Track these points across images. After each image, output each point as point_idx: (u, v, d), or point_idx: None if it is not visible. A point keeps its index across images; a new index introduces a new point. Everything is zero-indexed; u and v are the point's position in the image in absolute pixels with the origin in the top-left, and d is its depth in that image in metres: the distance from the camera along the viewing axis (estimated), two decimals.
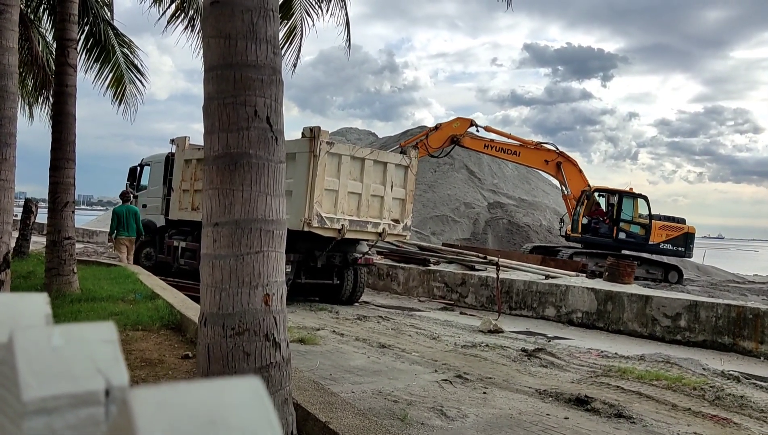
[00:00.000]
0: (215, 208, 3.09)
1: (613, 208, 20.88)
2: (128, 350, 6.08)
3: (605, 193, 21.48)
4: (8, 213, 5.74)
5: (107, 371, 0.43)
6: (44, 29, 13.67)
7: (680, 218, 21.74)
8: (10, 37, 5.67)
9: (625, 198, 21.03)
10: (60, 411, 0.40)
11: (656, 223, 20.80)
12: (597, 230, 20.57)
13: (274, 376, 3.06)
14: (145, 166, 16.02)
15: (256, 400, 0.35)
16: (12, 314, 0.53)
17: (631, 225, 20.82)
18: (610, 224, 20.69)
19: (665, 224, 20.92)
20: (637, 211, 21.02)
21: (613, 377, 7.33)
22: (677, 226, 21.03)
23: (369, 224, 11.92)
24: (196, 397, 0.34)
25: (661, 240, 20.68)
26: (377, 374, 6.78)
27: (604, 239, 20.50)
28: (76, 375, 0.42)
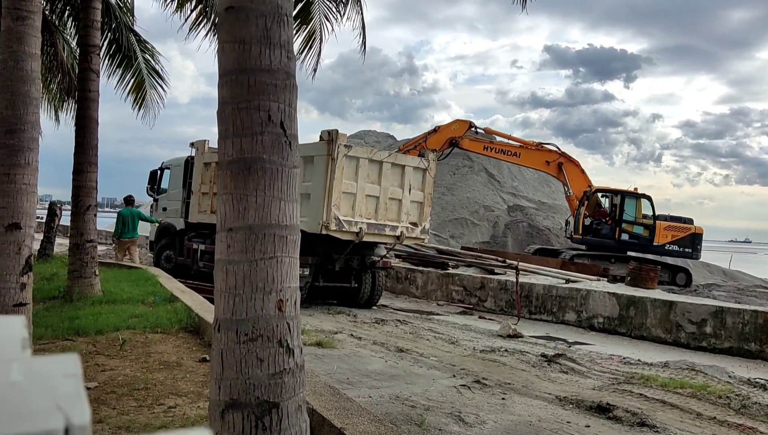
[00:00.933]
0: (229, 213, 3.09)
1: (615, 208, 20.54)
2: (147, 352, 6.12)
3: (607, 193, 21.16)
4: (31, 217, 5.81)
5: (68, 408, 0.41)
6: (69, 35, 13.87)
7: (687, 218, 21.33)
8: (32, 43, 5.73)
9: (628, 198, 20.65)
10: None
11: (661, 223, 20.39)
12: (599, 231, 20.24)
13: (287, 383, 3.04)
14: (165, 170, 16.18)
15: None
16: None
17: (634, 226, 20.44)
18: (612, 225, 20.34)
19: (671, 225, 20.51)
20: (640, 211, 20.63)
21: (636, 384, 7.20)
22: (683, 226, 20.60)
23: (387, 227, 11.89)
24: None
25: (667, 241, 20.27)
26: (395, 379, 6.74)
27: (606, 241, 20.15)
28: (35, 413, 0.40)
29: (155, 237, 16.16)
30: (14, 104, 5.63)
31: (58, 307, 8.32)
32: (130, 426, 4.12)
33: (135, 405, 4.58)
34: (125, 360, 5.83)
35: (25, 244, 5.64)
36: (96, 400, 4.57)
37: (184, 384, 5.10)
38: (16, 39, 5.63)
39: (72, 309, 8.04)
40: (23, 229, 5.62)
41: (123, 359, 5.85)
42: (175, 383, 5.11)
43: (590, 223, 20.26)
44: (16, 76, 5.64)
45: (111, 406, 4.52)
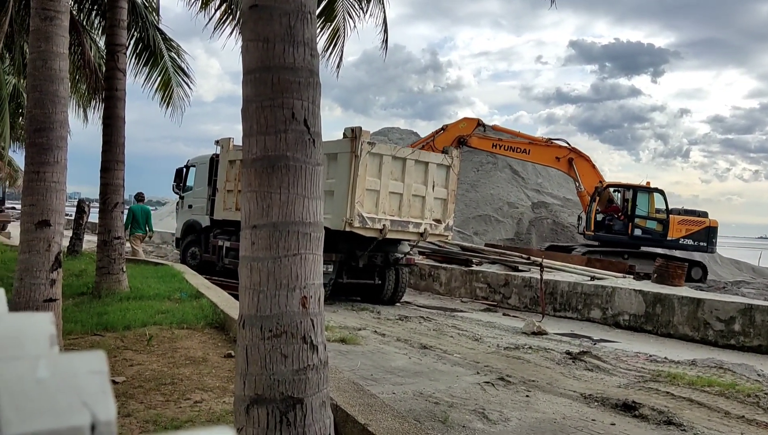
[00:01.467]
0: (253, 211, 3.10)
1: (627, 203, 20.21)
2: (173, 348, 6.20)
3: (619, 188, 20.84)
4: (60, 214, 5.91)
5: (93, 405, 0.42)
6: (96, 35, 14.08)
7: (702, 212, 20.91)
8: (60, 42, 5.83)
9: (640, 193, 20.28)
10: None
11: (674, 217, 20.00)
12: (611, 227, 19.94)
13: (311, 379, 3.06)
14: (191, 168, 16.35)
15: None
16: (16, 335, 0.52)
17: (647, 221, 20.10)
18: (624, 221, 20.01)
19: (685, 219, 20.12)
20: (653, 206, 20.26)
21: (663, 383, 7.11)
22: (698, 220, 20.18)
23: (410, 224, 11.88)
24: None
25: (681, 235, 19.88)
26: (418, 375, 6.74)
27: (618, 236, 19.84)
28: (61, 409, 0.41)
29: (181, 234, 16.33)
30: (43, 103, 5.73)
31: (87, 303, 8.47)
32: (157, 420, 4.18)
33: (162, 399, 4.64)
34: (152, 355, 5.92)
35: (54, 241, 5.75)
36: (124, 394, 4.65)
37: (209, 379, 5.16)
38: (44, 39, 5.73)
39: (100, 305, 8.18)
40: (53, 226, 5.73)
41: (150, 354, 5.94)
42: (201, 378, 5.17)
43: (602, 219, 20.01)
44: (44, 76, 5.74)
45: (139, 400, 4.59)
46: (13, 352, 0.48)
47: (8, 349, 0.50)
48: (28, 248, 5.66)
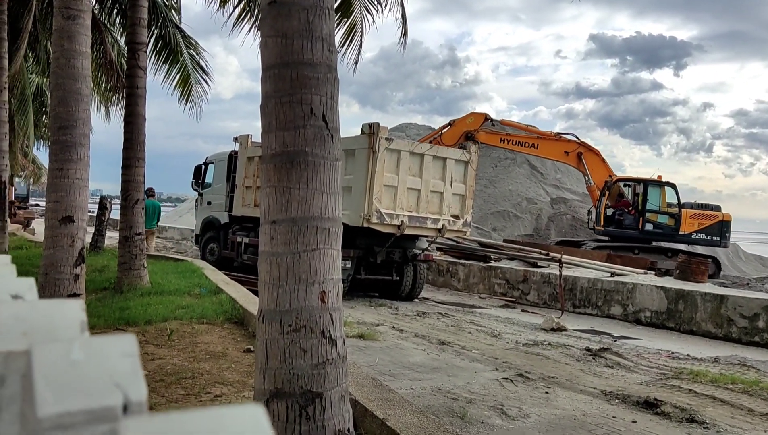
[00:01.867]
0: (272, 206, 3.13)
1: (638, 198, 19.93)
2: (194, 343, 6.27)
3: (630, 182, 20.55)
4: (83, 210, 6.00)
5: (126, 386, 0.43)
6: (117, 33, 14.24)
7: (715, 205, 20.54)
8: (83, 41, 5.91)
9: (651, 187, 19.92)
10: (76, 427, 0.40)
11: (687, 211, 19.64)
12: (621, 222, 19.68)
13: (330, 373, 3.08)
14: (210, 164, 16.44)
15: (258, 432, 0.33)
16: (48, 321, 0.54)
17: (659, 215, 19.76)
18: (635, 215, 19.69)
19: (697, 213, 19.77)
20: (664, 200, 19.94)
21: (685, 380, 7.03)
22: (711, 214, 19.81)
23: (428, 220, 11.85)
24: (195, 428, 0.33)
25: (693, 229, 19.50)
26: (436, 371, 6.74)
27: (629, 231, 19.52)
28: (94, 390, 0.42)
29: (200, 230, 16.44)
30: (66, 101, 5.82)
31: (109, 298, 8.59)
32: None
33: (183, 393, 4.70)
34: (173, 349, 5.99)
35: (78, 237, 5.84)
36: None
37: (229, 373, 5.21)
38: (67, 37, 5.81)
39: (122, 300, 8.29)
40: (76, 222, 5.82)
41: (171, 349, 6.01)
42: (220, 373, 5.22)
43: (612, 213, 19.78)
44: (67, 74, 5.82)
45: (160, 393, 4.65)
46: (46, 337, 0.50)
47: (41, 333, 0.51)
48: (53, 244, 5.76)
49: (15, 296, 0.64)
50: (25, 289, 0.65)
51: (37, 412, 0.39)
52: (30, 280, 0.72)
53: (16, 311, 0.53)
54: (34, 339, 0.49)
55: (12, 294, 0.63)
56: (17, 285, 0.66)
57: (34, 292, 0.67)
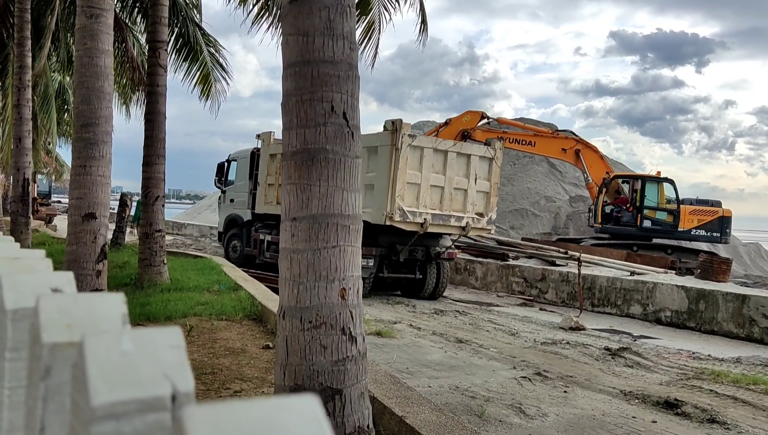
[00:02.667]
0: (293, 203, 3.15)
1: (636, 194, 19.66)
2: (213, 339, 6.33)
3: (628, 179, 20.28)
4: (105, 207, 6.08)
5: (174, 377, 0.44)
6: (138, 32, 14.39)
7: (715, 201, 20.22)
8: (105, 40, 5.98)
9: (648, 183, 19.65)
10: (128, 416, 0.41)
11: (686, 208, 19.32)
12: (619, 219, 19.45)
13: (350, 370, 3.09)
14: (232, 162, 16.40)
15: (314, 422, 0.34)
16: (90, 313, 0.55)
17: (657, 211, 19.47)
18: (633, 212, 19.41)
19: (696, 209, 19.48)
20: (663, 196, 19.65)
21: (706, 380, 6.96)
22: (710, 210, 19.47)
23: (452, 218, 11.72)
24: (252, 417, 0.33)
25: (693, 226, 19.15)
26: (454, 369, 6.74)
27: (627, 228, 19.27)
28: (144, 380, 0.43)
29: (223, 228, 16.41)
30: (89, 99, 5.89)
31: (129, 294, 8.69)
32: None
33: (203, 389, 4.75)
34: (193, 345, 6.04)
35: (100, 233, 5.92)
36: None
37: (248, 370, 5.25)
38: (90, 36, 5.88)
39: (143, 296, 8.38)
40: (98, 218, 5.90)
41: (191, 345, 6.07)
42: (240, 369, 5.27)
43: (610, 210, 19.58)
44: (90, 72, 5.89)
45: None
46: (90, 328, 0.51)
47: (85, 326, 0.53)
48: (76, 240, 5.84)
49: (55, 289, 0.65)
50: (65, 283, 0.67)
51: (90, 401, 0.40)
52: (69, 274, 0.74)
53: (59, 304, 0.54)
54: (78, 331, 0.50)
55: (52, 287, 0.65)
56: (56, 279, 0.67)
57: (73, 285, 0.68)
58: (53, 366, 0.50)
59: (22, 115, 12.51)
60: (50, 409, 0.50)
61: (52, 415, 0.50)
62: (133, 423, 0.41)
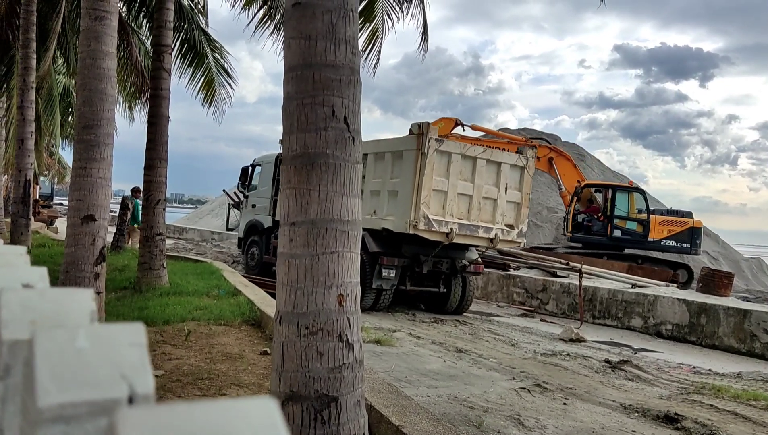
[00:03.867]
0: (292, 207, 3.12)
1: (607, 203, 19.49)
2: (211, 344, 6.28)
3: (600, 188, 20.16)
4: (105, 209, 6.05)
5: (132, 377, 0.41)
6: (143, 35, 14.42)
7: (686, 212, 20.11)
8: (109, 42, 5.98)
9: (619, 192, 19.55)
10: (78, 419, 0.38)
11: (656, 218, 19.24)
12: (590, 228, 19.33)
13: (346, 377, 3.05)
14: (257, 166, 16.00)
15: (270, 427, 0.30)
16: (57, 309, 0.52)
17: (627, 221, 19.32)
18: (604, 221, 19.26)
19: (666, 219, 19.37)
20: (633, 206, 19.48)
21: (707, 395, 6.89)
22: (680, 220, 19.36)
23: (480, 229, 11.06)
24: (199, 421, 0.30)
25: (663, 236, 19.03)
26: (453, 379, 6.68)
27: (597, 237, 19.12)
28: (99, 380, 0.40)
29: (244, 234, 15.93)
30: (91, 101, 5.88)
31: (128, 297, 8.65)
32: None
33: (199, 394, 4.70)
34: (190, 350, 6.00)
35: (99, 236, 5.89)
36: (162, 387, 4.72)
37: (245, 375, 5.20)
38: (93, 38, 5.88)
39: (141, 299, 8.34)
40: (98, 220, 5.87)
41: (188, 349, 6.03)
42: (237, 374, 5.22)
43: (582, 219, 19.49)
44: (93, 74, 5.89)
45: (176, 394, 4.66)
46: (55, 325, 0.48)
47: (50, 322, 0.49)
48: (74, 242, 5.81)
49: (26, 285, 0.62)
50: (37, 279, 0.64)
51: (37, 402, 0.37)
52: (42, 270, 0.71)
53: (25, 299, 0.51)
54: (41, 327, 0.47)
55: (23, 283, 0.62)
56: (29, 274, 0.64)
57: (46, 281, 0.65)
58: (13, 364, 0.46)
59: (25, 117, 12.53)
60: (9, 411, 0.47)
61: (11, 417, 0.47)
62: (83, 427, 0.38)
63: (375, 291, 11.11)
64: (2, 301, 0.49)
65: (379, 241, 11.12)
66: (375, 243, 11.08)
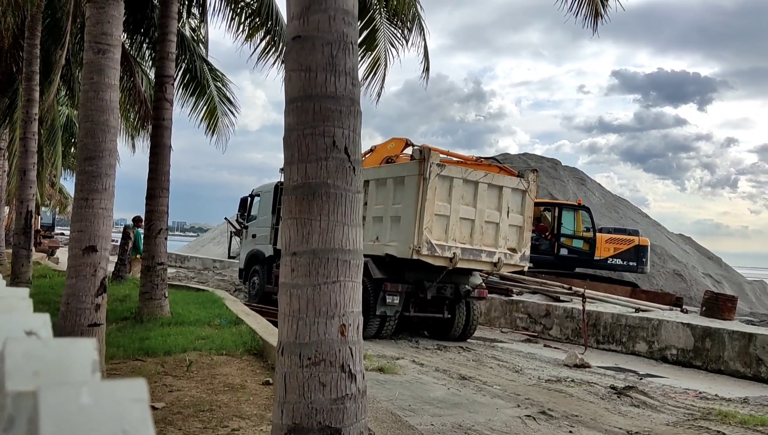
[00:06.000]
0: (293, 238, 3.13)
1: (554, 222, 19.34)
2: (212, 374, 6.24)
3: (549, 207, 20.03)
4: (106, 240, 6.05)
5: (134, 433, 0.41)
6: (147, 67, 14.58)
7: (632, 230, 20.07)
8: (112, 75, 6.05)
9: (565, 211, 19.45)
10: None
11: (602, 236, 19.15)
12: (538, 247, 19.24)
13: (349, 408, 3.03)
14: (255, 197, 16.05)
15: None
16: (59, 360, 0.52)
17: (573, 240, 19.22)
18: (552, 240, 19.14)
19: (612, 237, 19.25)
20: (579, 224, 19.35)
21: (713, 421, 6.81)
22: (626, 238, 19.25)
23: (483, 253, 11.04)
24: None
25: (609, 254, 18.91)
26: (457, 407, 6.62)
27: (545, 256, 18.85)
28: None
29: (245, 264, 15.87)
30: (93, 132, 5.93)
31: (129, 328, 8.62)
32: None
33: (200, 426, 4.65)
34: (191, 381, 5.96)
35: (100, 266, 5.88)
36: (163, 420, 4.67)
37: (247, 407, 5.16)
38: (97, 71, 5.95)
39: (142, 330, 8.31)
40: (99, 251, 5.87)
41: (189, 380, 5.98)
42: (238, 405, 5.17)
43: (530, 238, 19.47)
44: (96, 106, 5.94)
45: (177, 426, 4.61)
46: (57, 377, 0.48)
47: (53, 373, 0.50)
48: (75, 273, 5.81)
49: (29, 332, 0.62)
50: (40, 326, 0.64)
51: None
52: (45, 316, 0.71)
53: (28, 349, 0.51)
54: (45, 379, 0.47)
55: (26, 330, 0.62)
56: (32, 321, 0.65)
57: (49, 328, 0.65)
58: (17, 416, 0.47)
59: (27, 148, 12.62)
60: None
61: None
62: None
63: (379, 318, 11.06)
64: (6, 352, 0.49)
65: (382, 268, 11.11)
66: (378, 269, 11.06)
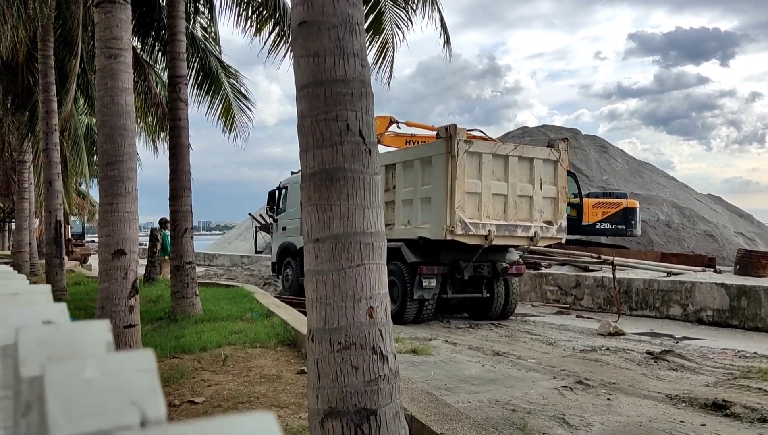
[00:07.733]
0: (315, 224, 3.13)
1: None
2: (248, 367, 6.32)
3: None
4: (134, 242, 6.14)
5: (143, 403, 0.41)
6: (160, 69, 14.67)
7: (620, 193, 19.71)
8: (125, 78, 6.10)
9: None
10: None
11: (588, 201, 18.81)
12: None
13: (383, 389, 3.04)
14: (283, 189, 15.95)
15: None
16: (72, 343, 0.53)
17: None
18: None
19: (600, 201, 18.91)
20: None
21: (754, 379, 6.71)
22: (614, 202, 18.93)
23: (519, 228, 10.81)
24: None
25: (597, 219, 18.63)
26: (493, 383, 6.62)
27: None
28: (109, 409, 0.40)
29: (277, 258, 15.80)
30: (112, 137, 6.00)
31: (164, 327, 8.76)
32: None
33: None
34: (228, 375, 6.04)
35: (130, 269, 5.98)
36: (204, 414, 4.75)
37: (284, 396, 5.21)
38: (110, 76, 6.00)
39: (177, 328, 8.43)
40: (128, 254, 5.96)
41: (226, 374, 6.07)
42: (276, 395, 5.24)
43: None
44: (112, 111, 6.00)
45: None
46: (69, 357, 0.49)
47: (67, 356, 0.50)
48: (107, 277, 5.91)
49: (47, 322, 0.63)
50: (57, 314, 0.65)
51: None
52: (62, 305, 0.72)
53: (42, 335, 0.51)
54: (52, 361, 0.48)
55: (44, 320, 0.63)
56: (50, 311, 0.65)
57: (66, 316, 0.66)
58: (33, 401, 0.47)
59: (51, 159, 12.82)
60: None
61: None
62: None
63: (417, 302, 10.96)
64: (19, 339, 0.50)
65: (416, 251, 11.00)
66: (412, 253, 10.97)
